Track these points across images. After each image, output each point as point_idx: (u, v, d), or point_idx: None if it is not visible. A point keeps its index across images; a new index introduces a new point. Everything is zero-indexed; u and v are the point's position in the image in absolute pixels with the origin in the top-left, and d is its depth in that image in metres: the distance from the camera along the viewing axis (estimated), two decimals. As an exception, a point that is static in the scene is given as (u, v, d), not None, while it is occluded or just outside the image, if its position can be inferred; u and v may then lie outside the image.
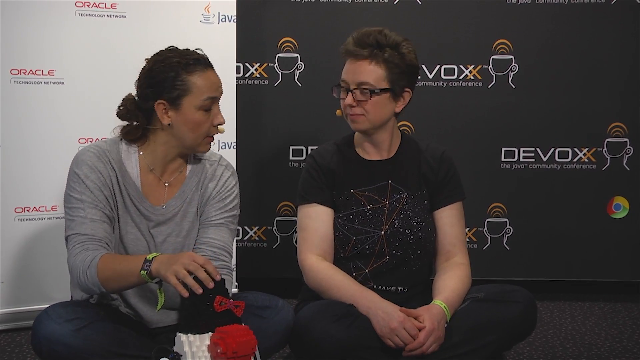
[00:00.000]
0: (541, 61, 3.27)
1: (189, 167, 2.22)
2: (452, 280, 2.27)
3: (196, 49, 2.17)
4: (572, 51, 3.27)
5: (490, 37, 3.26)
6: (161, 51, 2.15)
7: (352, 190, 2.34)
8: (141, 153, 2.16)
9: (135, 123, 2.15)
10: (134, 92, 2.17)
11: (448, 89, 3.28)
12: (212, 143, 2.17)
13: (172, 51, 2.13)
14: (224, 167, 2.26)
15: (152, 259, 1.92)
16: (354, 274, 2.30)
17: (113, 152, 2.13)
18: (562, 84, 3.28)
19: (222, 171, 2.24)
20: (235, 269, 3.10)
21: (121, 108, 2.16)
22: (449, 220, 2.35)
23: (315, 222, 2.32)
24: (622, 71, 3.27)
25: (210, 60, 2.17)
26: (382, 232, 2.30)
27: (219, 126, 2.15)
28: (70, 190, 2.09)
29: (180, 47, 2.16)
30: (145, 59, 2.15)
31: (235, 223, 2.25)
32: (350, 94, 2.26)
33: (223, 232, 2.20)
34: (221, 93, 2.15)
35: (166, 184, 2.18)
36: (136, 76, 2.16)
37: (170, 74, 2.08)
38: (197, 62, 2.10)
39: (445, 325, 2.17)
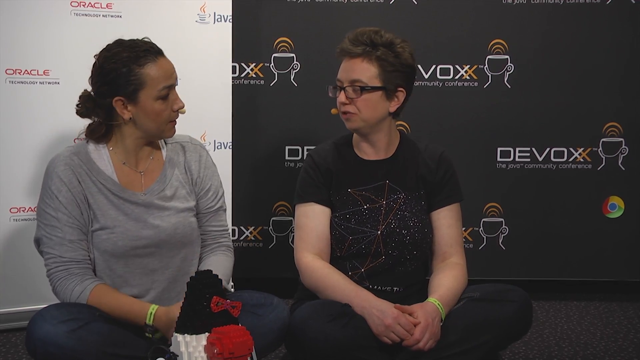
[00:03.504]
0: (537, 61, 3.28)
1: (163, 152, 2.27)
2: (447, 279, 2.27)
3: (144, 38, 2.17)
4: (568, 51, 3.27)
5: (486, 37, 3.26)
6: (109, 46, 2.15)
7: (349, 190, 2.34)
8: (111, 149, 2.20)
9: (96, 119, 2.18)
10: None
11: (444, 89, 3.28)
12: (175, 126, 2.21)
13: (120, 45, 2.14)
14: (199, 146, 2.33)
15: (152, 320, 2.05)
16: (350, 274, 2.30)
17: (82, 154, 2.17)
18: (557, 84, 3.28)
19: (199, 152, 2.31)
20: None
21: (79, 106, 2.18)
22: (446, 222, 2.35)
23: (312, 220, 2.32)
24: (618, 71, 3.28)
25: (159, 51, 2.16)
26: (379, 232, 2.30)
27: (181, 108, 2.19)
28: (45, 206, 2.14)
29: (137, 40, 2.17)
30: (95, 56, 2.16)
31: (223, 196, 2.35)
32: (342, 91, 2.27)
33: (219, 215, 2.32)
34: (176, 79, 2.16)
35: (141, 173, 2.22)
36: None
37: (123, 70, 2.09)
38: (146, 53, 2.11)
39: (441, 324, 2.17)
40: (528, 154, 3.31)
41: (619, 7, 3.24)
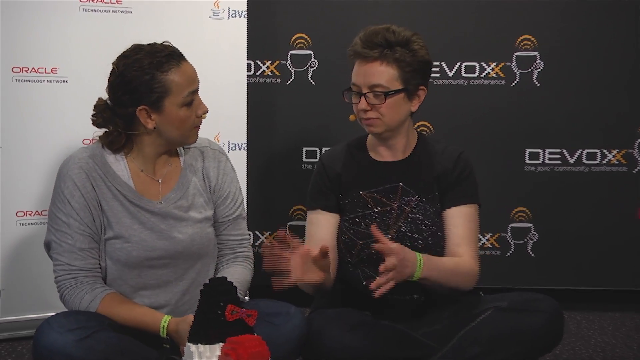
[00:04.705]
0: (567, 58, 3.26)
1: (181, 159, 2.26)
2: (447, 259, 2.24)
3: (164, 42, 2.16)
4: (601, 47, 3.25)
5: (513, 32, 3.25)
6: (127, 53, 2.13)
7: (360, 192, 2.34)
8: (129, 155, 2.19)
9: (114, 129, 2.16)
10: None
11: (469, 88, 3.28)
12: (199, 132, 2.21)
13: (140, 51, 2.12)
14: (218, 151, 2.31)
15: (165, 333, 2.05)
16: (365, 283, 2.29)
17: (98, 157, 2.16)
18: (589, 82, 3.27)
19: (218, 157, 2.30)
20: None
21: (96, 117, 2.17)
22: (455, 221, 2.31)
23: (316, 228, 2.34)
24: (655, 68, 3.26)
25: (182, 53, 2.15)
26: (389, 236, 2.28)
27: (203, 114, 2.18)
28: (56, 210, 2.14)
29: (157, 42, 2.15)
30: (113, 63, 2.14)
31: (243, 203, 2.34)
32: (363, 98, 2.25)
33: (239, 224, 2.31)
34: (198, 82, 2.15)
35: (159, 181, 2.21)
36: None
37: (145, 78, 2.08)
38: (169, 58, 2.10)
39: (414, 273, 2.09)
40: (558, 156, 3.29)
41: (657, 1, 3.23)
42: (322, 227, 2.33)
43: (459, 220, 2.32)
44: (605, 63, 3.26)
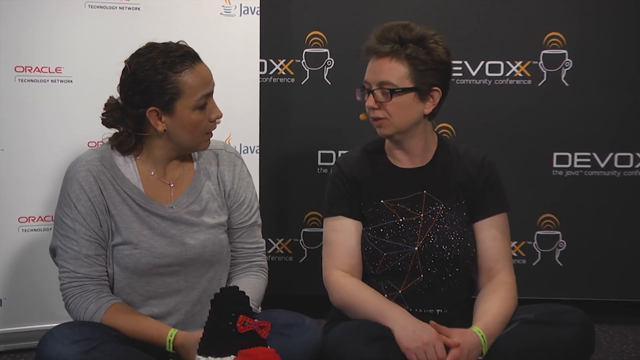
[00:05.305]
0: (598, 56, 3.24)
1: (194, 162, 2.26)
2: (495, 304, 2.23)
3: (179, 41, 2.16)
4: (633, 44, 3.23)
5: (540, 29, 3.24)
6: (141, 51, 2.14)
7: (382, 201, 2.32)
8: (138, 158, 2.19)
9: (124, 130, 2.17)
10: None
11: (493, 87, 3.27)
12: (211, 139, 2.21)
13: (153, 50, 2.12)
14: (233, 154, 2.32)
15: (171, 348, 2.05)
16: (386, 296, 2.29)
17: (106, 159, 2.17)
18: (620, 82, 3.25)
19: (234, 161, 2.30)
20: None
21: (106, 116, 2.17)
22: (490, 234, 2.32)
23: (341, 235, 2.32)
24: (690, 66, 3.23)
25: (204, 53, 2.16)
26: (416, 248, 2.28)
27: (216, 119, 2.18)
28: (62, 214, 2.15)
29: (174, 41, 2.15)
30: (125, 61, 2.14)
31: (258, 209, 2.34)
32: (371, 95, 2.26)
33: (254, 231, 2.32)
34: (213, 85, 2.15)
35: (171, 185, 2.22)
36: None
37: (157, 78, 2.08)
38: (183, 58, 2.10)
39: (480, 358, 2.14)
40: (588, 160, 3.27)
41: (691, -5, 3.21)
42: (346, 232, 2.31)
43: (493, 233, 2.32)
44: (636, 62, 3.23)
